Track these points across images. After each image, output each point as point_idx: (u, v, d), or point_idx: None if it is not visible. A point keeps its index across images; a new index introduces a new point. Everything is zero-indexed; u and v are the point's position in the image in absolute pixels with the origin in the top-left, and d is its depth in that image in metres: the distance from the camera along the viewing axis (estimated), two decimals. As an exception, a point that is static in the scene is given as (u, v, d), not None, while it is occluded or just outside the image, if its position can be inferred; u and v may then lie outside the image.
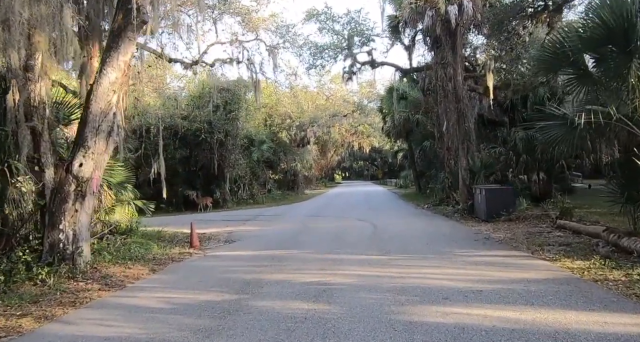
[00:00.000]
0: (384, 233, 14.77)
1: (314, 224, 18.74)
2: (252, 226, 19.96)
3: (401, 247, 11.73)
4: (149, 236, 16.79)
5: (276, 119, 44.41)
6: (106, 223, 17.25)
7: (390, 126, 36.88)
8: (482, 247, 11.27)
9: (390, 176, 75.79)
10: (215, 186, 34.51)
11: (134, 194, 19.85)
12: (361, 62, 27.63)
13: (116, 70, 10.13)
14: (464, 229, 15.24)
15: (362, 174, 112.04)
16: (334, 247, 12.39)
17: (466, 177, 20.49)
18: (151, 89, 27.21)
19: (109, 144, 10.59)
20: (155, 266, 11.14)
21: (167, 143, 31.79)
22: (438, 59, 22.02)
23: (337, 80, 47.74)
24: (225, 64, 22.87)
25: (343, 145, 69.25)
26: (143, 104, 27.65)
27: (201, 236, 17.23)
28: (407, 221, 18.62)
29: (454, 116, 21.12)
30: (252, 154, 38.10)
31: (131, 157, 23.59)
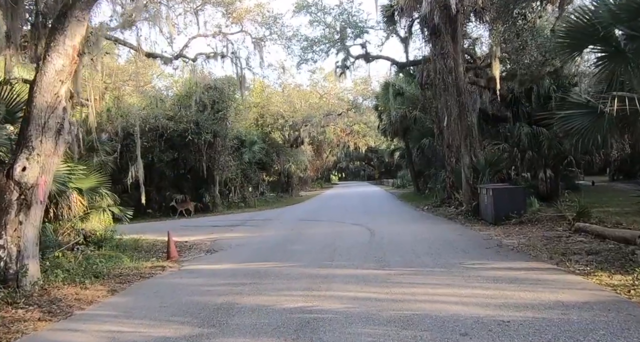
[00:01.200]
0: (382, 240, 13.21)
1: (306, 230, 17.18)
2: (239, 233, 18.42)
3: (402, 258, 10.17)
4: (124, 246, 15.39)
5: (268, 119, 42.81)
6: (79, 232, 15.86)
7: (387, 124, 35.32)
8: (496, 257, 9.72)
9: (387, 176, 74.35)
10: (205, 190, 32.96)
11: (113, 199, 18.50)
12: (355, 56, 26.09)
13: (63, 56, 8.56)
14: (471, 234, 13.69)
15: (359, 175, 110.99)
16: (326, 258, 10.83)
17: (469, 176, 18.96)
18: (133, 87, 25.63)
19: (58, 144, 9.01)
20: (117, 285, 9.57)
21: (152, 145, 30.25)
22: (437, 49, 20.48)
23: (330, 77, 46.23)
24: (209, 58, 21.25)
25: (338, 145, 67.95)
26: (124, 104, 26.05)
27: (182, 245, 15.80)
28: (407, 225, 17.06)
29: (455, 111, 19.59)
30: (243, 156, 36.49)
31: (109, 160, 21.95)
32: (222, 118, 31.02)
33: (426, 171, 33.81)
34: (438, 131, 23.55)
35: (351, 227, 17.06)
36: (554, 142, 21.65)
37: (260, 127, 42.49)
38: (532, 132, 21.67)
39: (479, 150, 20.00)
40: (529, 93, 22.79)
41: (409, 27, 23.53)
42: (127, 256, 13.47)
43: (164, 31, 17.34)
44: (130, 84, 24.71)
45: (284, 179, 49.22)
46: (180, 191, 32.28)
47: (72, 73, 8.80)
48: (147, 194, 32.98)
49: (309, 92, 46.59)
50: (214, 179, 32.81)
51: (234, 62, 21.22)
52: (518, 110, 23.44)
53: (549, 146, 21.57)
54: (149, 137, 29.82)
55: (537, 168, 23.18)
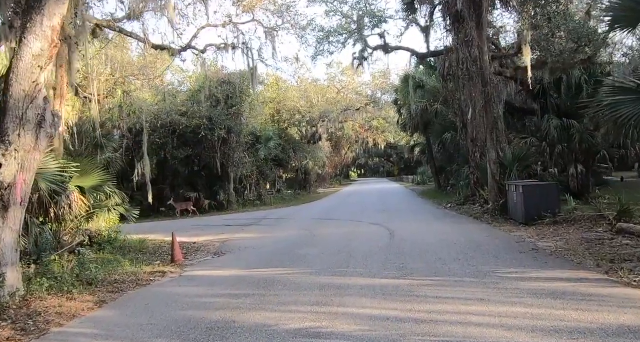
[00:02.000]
0: (403, 242, 12.07)
1: (321, 231, 16.11)
2: (251, 233, 17.43)
3: (426, 265, 9.04)
4: (129, 248, 14.54)
5: (284, 115, 41.77)
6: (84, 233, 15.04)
7: (407, 118, 34.04)
8: (534, 264, 8.54)
9: (407, 173, 72.94)
10: (219, 187, 32.05)
11: (121, 198, 17.65)
12: (373, 47, 24.89)
13: (41, 38, 7.56)
14: (500, 235, 12.49)
15: (378, 171, 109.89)
16: (340, 264, 9.74)
17: (496, 172, 17.71)
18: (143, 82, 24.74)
19: (40, 138, 8.03)
20: (108, 295, 8.60)
21: (165, 142, 29.41)
22: (461, 37, 19.22)
23: (348, 72, 45.06)
24: (219, 50, 20.22)
25: (357, 141, 66.91)
26: (134, 99, 25.18)
27: (190, 247, 14.88)
28: (430, 225, 15.88)
29: (481, 102, 18.33)
30: (259, 152, 35.51)
31: (117, 157, 21.13)
32: (237, 113, 30.07)
33: (448, 167, 32.49)
34: (461, 125, 22.28)
35: (369, 228, 15.94)
36: (586, 136, 20.34)
37: (277, 123, 41.47)
38: (562, 125, 20.36)
39: (505, 145, 18.75)
40: (558, 84, 21.45)
41: (430, 15, 22.30)
42: (129, 258, 12.60)
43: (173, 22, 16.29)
44: (140, 78, 23.80)
45: (301, 176, 48.19)
46: (194, 189, 31.44)
47: (52, 58, 7.81)
48: (161, 192, 32.25)
49: (326, 87, 45.42)
50: (228, 176, 31.89)
51: (245, 53, 20.17)
52: (546, 102, 22.07)
53: (581, 140, 20.26)
54: (161, 134, 28.99)
55: (567, 163, 21.83)
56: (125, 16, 19.36)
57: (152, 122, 28.34)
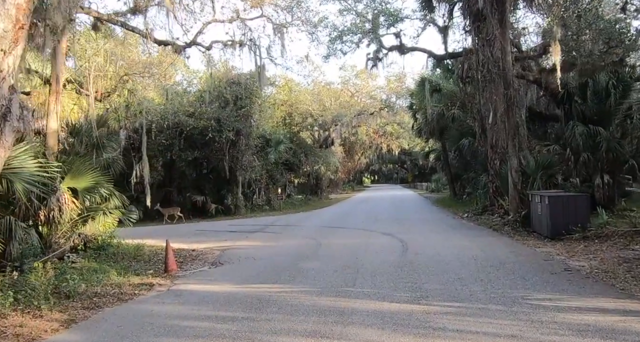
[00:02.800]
0: (417, 257, 10.91)
1: (329, 240, 14.99)
2: (254, 241, 16.37)
3: (444, 287, 7.90)
4: (123, 254, 13.58)
5: (296, 118, 40.73)
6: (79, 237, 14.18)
7: (422, 123, 32.84)
8: (570, 289, 7.37)
9: (421, 179, 71.63)
10: (227, 191, 31.01)
11: (121, 201, 16.70)
12: (388, 47, 23.80)
13: (3, 18, 6.56)
14: (525, 251, 11.30)
15: (392, 178, 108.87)
16: (346, 282, 8.63)
17: (517, 181, 16.55)
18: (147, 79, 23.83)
19: (4, 133, 7.02)
20: (81, 313, 7.59)
21: (171, 143, 28.48)
22: (482, 36, 18.09)
23: (362, 75, 44.10)
24: (226, 47, 19.23)
25: (371, 147, 65.92)
26: (139, 98, 24.28)
27: (188, 254, 13.91)
28: (446, 236, 14.70)
29: (502, 106, 17.17)
30: (269, 156, 34.48)
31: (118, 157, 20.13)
32: (246, 115, 29.05)
33: (464, 175, 31.25)
34: (480, 130, 21.08)
35: (380, 238, 14.80)
36: (613, 144, 19.08)
37: (288, 126, 40.45)
38: (587, 132, 19.08)
39: (527, 152, 17.58)
40: (583, 88, 20.18)
41: (449, 13, 21.15)
42: (120, 267, 11.69)
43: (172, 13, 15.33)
44: (144, 75, 22.90)
45: (312, 181, 47.10)
46: (201, 192, 30.48)
47: (17, 41, 6.80)
48: (167, 195, 31.36)
49: (339, 90, 44.35)
50: (236, 179, 30.87)
51: (252, 50, 19.14)
52: (571, 107, 20.77)
53: (608, 148, 18.99)
54: (168, 135, 28.07)
55: (591, 173, 20.52)
56: (129, 10, 18.48)
57: (158, 123, 27.46)
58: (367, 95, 45.38)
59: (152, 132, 27.42)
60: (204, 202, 29.70)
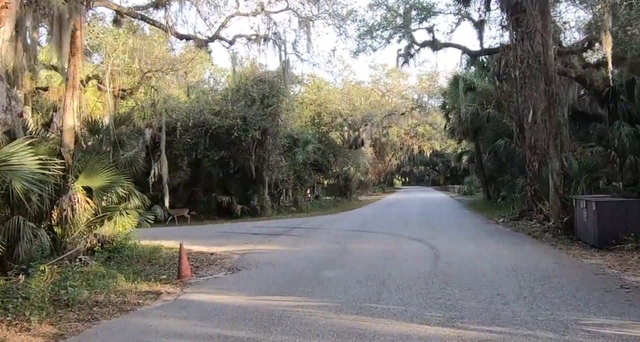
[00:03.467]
0: (450, 267, 9.90)
1: (355, 246, 14.05)
2: (276, 244, 15.54)
3: (481, 303, 6.91)
4: (138, 256, 12.90)
5: (325, 117, 39.82)
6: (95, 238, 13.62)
7: (455, 123, 31.60)
8: (632, 312, 6.29)
9: (453, 182, 70.02)
10: (253, 192, 30.31)
11: (140, 200, 16.09)
12: (420, 43, 22.72)
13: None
14: (571, 262, 10.18)
15: (423, 180, 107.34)
16: (370, 296, 7.70)
17: (559, 184, 15.36)
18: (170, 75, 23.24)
19: (-11, 125, 6.34)
20: (74, 325, 6.88)
21: (196, 142, 27.89)
22: (521, 30, 16.94)
23: (393, 74, 42.98)
24: (250, 41, 18.45)
25: (402, 148, 64.70)
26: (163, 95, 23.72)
27: (205, 258, 13.19)
28: (482, 244, 13.59)
29: (543, 104, 15.98)
30: (296, 156, 33.68)
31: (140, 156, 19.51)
32: (273, 114, 28.28)
33: (499, 177, 29.91)
34: (518, 130, 19.85)
35: (410, 245, 13.79)
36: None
37: (317, 126, 39.58)
38: (634, 132, 17.77)
39: (570, 153, 16.36)
40: (630, 86, 18.85)
41: (486, 6, 19.96)
42: (132, 271, 11.01)
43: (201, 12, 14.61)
44: (167, 71, 22.31)
45: (341, 182, 46.15)
46: (227, 193, 29.85)
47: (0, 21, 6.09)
48: (193, 195, 30.85)
49: (369, 89, 43.30)
50: (263, 180, 30.15)
51: (276, 44, 18.30)
52: (616, 106, 19.45)
53: (658, 151, 17.67)
54: (193, 133, 27.49)
55: (638, 176, 19.17)
56: (151, 4, 17.87)
57: (183, 121, 26.94)
58: (398, 95, 44.25)
59: (177, 131, 26.92)
60: (229, 203, 29.06)
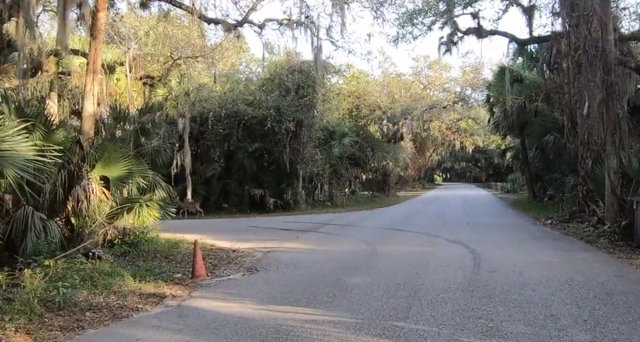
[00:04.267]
0: (493, 277, 8.65)
1: (386, 247, 12.90)
2: (303, 243, 14.54)
3: (531, 327, 5.69)
4: (155, 252, 12.12)
5: (363, 110, 38.55)
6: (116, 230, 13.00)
7: (500, 117, 29.91)
8: None
9: (496, 179, 67.87)
10: (286, 185, 29.39)
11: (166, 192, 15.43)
12: (463, 30, 21.29)
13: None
14: (636, 275, 8.81)
15: (464, 176, 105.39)
16: (397, 310, 6.58)
17: (617, 184, 13.85)
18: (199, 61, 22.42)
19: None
20: (51, 335, 6.07)
21: (230, 133, 27.12)
22: (576, 14, 15.43)
23: (435, 66, 41.39)
24: (281, 26, 17.43)
25: (443, 143, 63.04)
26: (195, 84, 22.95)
27: (225, 256, 12.43)
28: (528, 249, 12.22)
29: (599, 95, 14.48)
30: (332, 149, 32.59)
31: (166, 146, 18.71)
32: (308, 105, 27.23)
33: (545, 175, 28.16)
34: (569, 124, 18.29)
35: (447, 248, 12.54)
36: None
37: (355, 118, 38.36)
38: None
39: (629, 151, 14.81)
40: (696, 78, 17.16)
41: (538, -12, 18.48)
42: (145, 267, 10.26)
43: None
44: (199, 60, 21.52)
45: (379, 177, 44.86)
46: (260, 185, 29.01)
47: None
48: (225, 187, 30.17)
49: (410, 81, 41.78)
50: (297, 173, 29.21)
51: (309, 28, 17.20)
52: (679, 100, 17.79)
53: None
54: (226, 124, 26.71)
55: None
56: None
57: (215, 111, 26.22)
58: (440, 88, 42.59)
59: (209, 121, 26.22)
60: (262, 196, 28.25)
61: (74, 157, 12.70)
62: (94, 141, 12.91)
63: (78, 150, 12.85)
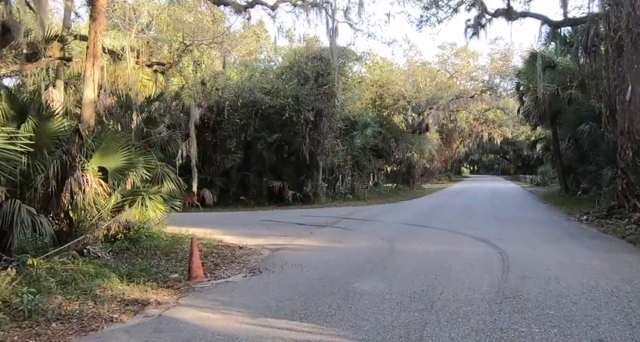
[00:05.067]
0: (524, 284, 7.46)
1: (405, 245, 11.78)
2: (316, 239, 13.51)
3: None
4: (155, 248, 11.27)
5: (387, 100, 37.23)
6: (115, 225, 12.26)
7: (530, 106, 28.31)
8: None
9: (525, 171, 65.89)
10: (306, 177, 28.35)
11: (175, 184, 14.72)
12: (492, 12, 19.90)
13: None
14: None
15: (492, 168, 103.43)
16: (409, 325, 5.50)
17: (662, 177, 12.50)
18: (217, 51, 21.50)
19: None
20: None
21: (247, 123, 26.19)
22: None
23: (462, 54, 39.81)
24: (295, 7, 16.35)
25: (471, 135, 61.32)
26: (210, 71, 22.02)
27: (230, 253, 11.59)
28: (564, 249, 10.91)
29: (644, 79, 13.11)
30: (354, 140, 31.46)
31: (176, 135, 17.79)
32: (328, 93, 26.09)
33: (579, 167, 26.61)
34: (607, 112, 16.85)
35: (473, 246, 11.35)
36: None
37: (378, 108, 37.07)
38: None
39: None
40: None
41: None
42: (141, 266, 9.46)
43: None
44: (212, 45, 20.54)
45: (404, 169, 43.56)
46: (279, 177, 28.05)
47: None
48: (244, 179, 29.31)
49: (436, 70, 40.25)
50: (317, 165, 28.15)
51: (322, 7, 16.03)
52: None
53: None
54: (243, 114, 25.76)
55: None
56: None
57: (232, 100, 25.30)
58: (467, 76, 40.96)
59: (226, 111, 25.33)
60: (280, 188, 27.31)
61: (72, 148, 11.97)
62: (94, 130, 12.14)
63: (77, 139, 12.09)
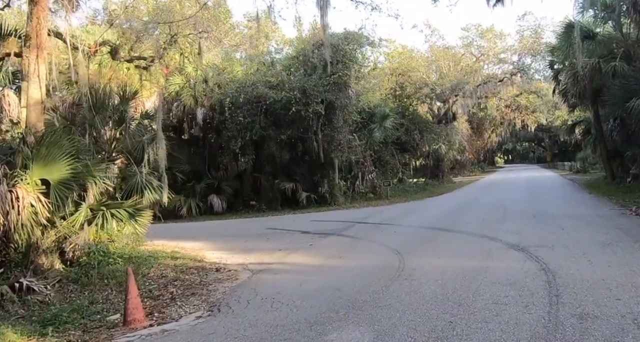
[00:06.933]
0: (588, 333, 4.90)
1: (418, 259, 9.20)
2: (313, 254, 11.13)
3: None
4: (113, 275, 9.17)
5: (408, 88, 34.42)
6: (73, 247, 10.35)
7: (568, 84, 25.23)
8: None
9: (562, 158, 62.22)
10: (321, 176, 25.84)
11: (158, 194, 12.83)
12: (519, -25, 17.14)
13: None
14: None
15: (527, 157, 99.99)
16: None
17: None
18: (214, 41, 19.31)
19: None
20: None
21: (252, 120, 23.84)
22: None
23: (487, 34, 36.82)
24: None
25: (502, 123, 58.15)
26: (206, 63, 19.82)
27: (199, 281, 9.40)
28: (633, 262, 8.08)
29: None
30: (373, 133, 28.82)
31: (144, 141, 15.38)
32: (338, 83, 23.48)
33: (627, 151, 23.46)
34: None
35: (505, 260, 8.59)
36: None
37: (398, 98, 34.34)
38: None
39: None
40: None
41: None
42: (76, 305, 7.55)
43: None
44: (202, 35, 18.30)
45: (431, 163, 40.71)
46: (291, 178, 25.64)
47: None
48: (255, 182, 27.03)
49: (460, 54, 37.28)
50: (332, 163, 25.64)
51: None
52: None
53: None
54: (246, 111, 23.41)
55: None
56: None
57: (233, 96, 23.02)
58: (495, 59, 37.87)
59: (227, 109, 23.11)
60: (293, 191, 24.94)
61: (18, 158, 10.02)
62: (43, 136, 10.11)
63: (22, 147, 10.11)
